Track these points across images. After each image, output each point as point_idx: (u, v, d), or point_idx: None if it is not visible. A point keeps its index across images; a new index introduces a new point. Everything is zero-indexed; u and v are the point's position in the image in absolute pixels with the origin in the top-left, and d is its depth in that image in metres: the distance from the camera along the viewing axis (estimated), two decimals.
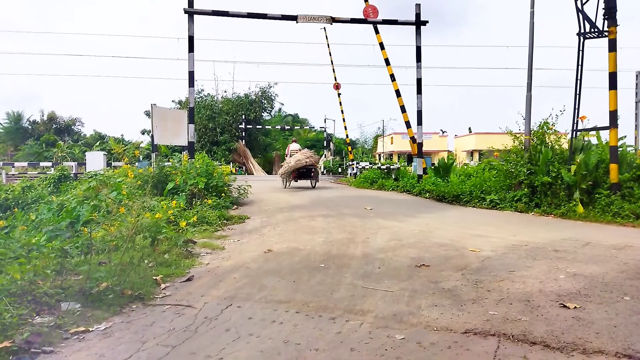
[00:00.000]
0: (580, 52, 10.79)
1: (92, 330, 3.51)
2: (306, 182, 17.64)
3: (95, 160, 18.89)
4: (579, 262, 5.51)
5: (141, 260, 5.15)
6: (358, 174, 22.75)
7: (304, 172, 17.32)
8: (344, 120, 31.37)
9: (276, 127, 44.76)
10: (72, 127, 55.93)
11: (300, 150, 18.41)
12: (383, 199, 13.82)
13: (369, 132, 54.65)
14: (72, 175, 17.40)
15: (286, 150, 19.63)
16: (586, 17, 10.62)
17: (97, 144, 43.08)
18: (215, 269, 5.38)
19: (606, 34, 10.22)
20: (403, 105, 17.22)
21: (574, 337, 3.29)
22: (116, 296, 4.10)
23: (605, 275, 4.91)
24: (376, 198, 13.92)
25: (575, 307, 3.91)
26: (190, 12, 14.06)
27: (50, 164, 23.63)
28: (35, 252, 4.61)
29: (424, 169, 16.25)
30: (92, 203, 7.67)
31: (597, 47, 12.11)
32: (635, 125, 28.18)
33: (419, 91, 16.14)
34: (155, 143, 12.83)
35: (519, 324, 3.57)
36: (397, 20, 16.23)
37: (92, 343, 3.30)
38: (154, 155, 12.35)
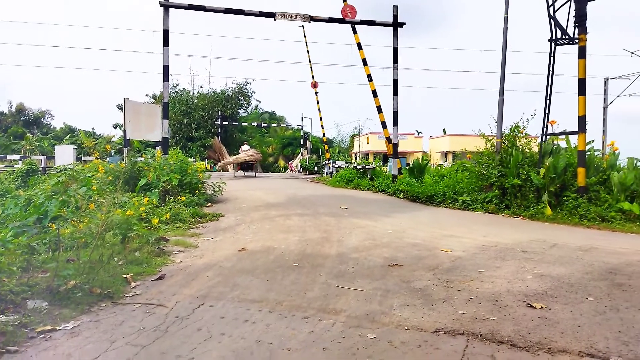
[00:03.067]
0: (552, 58, 11.06)
1: (59, 329, 3.43)
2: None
3: (64, 154, 18.43)
4: (546, 263, 5.67)
5: (111, 258, 5.06)
6: (334, 173, 22.83)
7: (247, 166, 25.62)
8: (321, 119, 31.43)
9: (253, 124, 44.45)
10: (42, 119, 54.41)
11: (248, 150, 26.68)
12: (358, 198, 13.90)
13: (345, 132, 54.73)
14: (40, 169, 16.94)
15: (240, 149, 28.19)
16: (558, 24, 10.90)
17: (67, 137, 41.98)
18: (188, 268, 5.32)
19: (577, 41, 10.52)
20: (379, 106, 17.35)
21: (539, 337, 3.39)
22: (85, 294, 4.02)
23: (571, 276, 5.06)
24: (351, 197, 13.99)
25: (541, 307, 4.02)
26: (166, 6, 13.83)
27: (18, 157, 22.92)
28: (0, 249, 4.48)
29: (399, 169, 16.42)
30: (61, 198, 7.48)
31: (567, 54, 12.46)
32: (603, 130, 29.16)
33: (395, 92, 16.28)
34: (127, 138, 12.60)
35: (488, 323, 3.65)
36: (374, 21, 16.33)
37: (59, 342, 3.23)
38: (126, 150, 12.13)
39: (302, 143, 39.80)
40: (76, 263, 4.57)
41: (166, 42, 13.74)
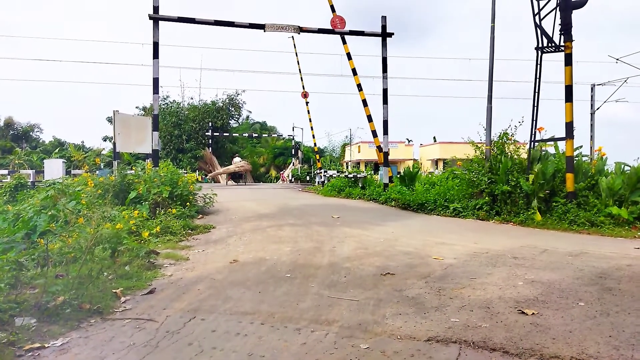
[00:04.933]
0: (538, 65, 11.21)
1: (47, 347, 3.38)
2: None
3: (53, 168, 18.23)
4: (536, 269, 5.69)
5: (100, 273, 5.01)
6: (326, 182, 22.84)
7: (237, 176, 29.61)
8: (312, 128, 31.48)
9: (244, 134, 44.41)
10: (30, 133, 53.95)
11: (239, 162, 30.71)
12: (350, 207, 13.91)
13: (336, 141, 54.96)
14: (29, 183, 16.75)
15: (232, 161, 32.01)
16: (544, 32, 11.06)
17: (57, 151, 41.66)
18: (179, 281, 5.28)
19: (563, 48, 10.68)
20: (370, 115, 17.43)
21: (531, 343, 3.39)
22: (74, 310, 3.96)
23: (561, 281, 5.09)
24: (343, 206, 14.00)
25: (533, 313, 4.04)
26: (155, 19, 13.84)
27: (6, 171, 22.67)
28: None
29: (390, 178, 16.46)
30: (50, 213, 7.41)
31: (554, 61, 12.63)
32: (591, 136, 29.51)
33: (385, 101, 16.38)
34: (117, 150, 12.53)
35: (480, 330, 3.65)
36: (363, 31, 16.46)
37: None
38: (116, 163, 12.06)
39: (293, 153, 39.81)
40: (65, 279, 4.51)
41: (156, 55, 13.74)
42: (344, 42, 18.37)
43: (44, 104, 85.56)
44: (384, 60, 16.39)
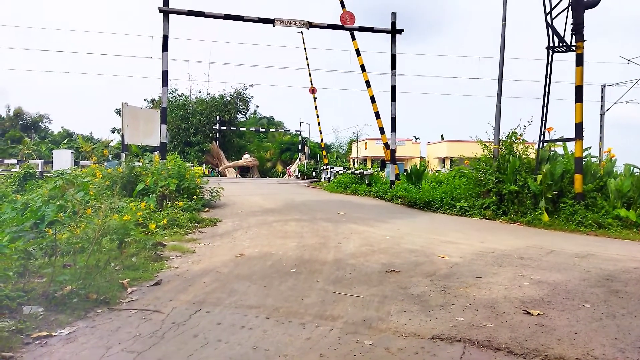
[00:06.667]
0: (549, 65, 11.12)
1: (55, 335, 3.41)
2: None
3: (62, 159, 18.38)
4: (542, 269, 5.67)
5: (107, 264, 5.05)
6: (332, 178, 22.85)
7: (244, 169, 35.51)
8: (319, 124, 31.44)
9: (251, 129, 44.51)
10: (40, 123, 54.39)
11: (248, 158, 36.59)
12: (356, 204, 13.90)
13: (343, 137, 54.83)
14: (37, 173, 16.90)
15: (242, 158, 37.04)
16: (555, 32, 10.97)
17: (65, 141, 41.96)
18: (185, 273, 5.31)
19: (574, 48, 10.58)
20: (377, 112, 17.39)
21: (536, 344, 3.39)
22: (81, 300, 4.00)
23: (567, 282, 5.07)
24: (349, 203, 14.00)
25: (538, 314, 4.02)
26: (166, 12, 13.88)
27: (15, 161, 22.89)
28: None
29: (397, 175, 16.43)
30: (58, 203, 7.47)
31: (565, 61, 12.52)
32: (600, 137, 29.30)
33: (393, 98, 16.33)
34: (125, 142, 12.61)
35: (484, 330, 3.65)
36: (373, 27, 16.40)
37: (54, 348, 3.21)
38: (124, 154, 12.13)
39: (300, 148, 39.83)
40: (73, 268, 4.55)
41: (165, 48, 13.78)
42: (353, 38, 18.32)
43: (53, 94, 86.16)
44: (393, 57, 16.33)
